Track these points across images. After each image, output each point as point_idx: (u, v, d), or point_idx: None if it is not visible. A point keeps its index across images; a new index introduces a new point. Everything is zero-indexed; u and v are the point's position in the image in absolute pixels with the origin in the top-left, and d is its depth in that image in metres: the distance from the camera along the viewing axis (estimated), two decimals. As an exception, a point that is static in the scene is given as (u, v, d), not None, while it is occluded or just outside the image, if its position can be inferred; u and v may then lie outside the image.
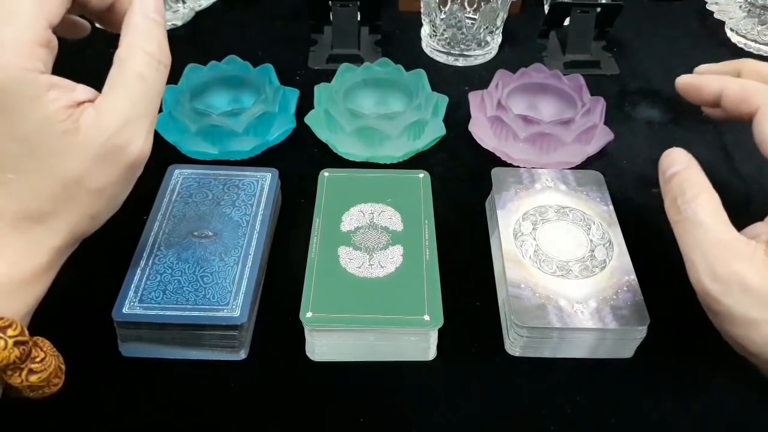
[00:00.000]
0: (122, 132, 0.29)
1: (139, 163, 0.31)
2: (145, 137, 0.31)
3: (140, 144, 0.30)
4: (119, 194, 0.32)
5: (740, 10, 0.65)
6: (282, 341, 0.38)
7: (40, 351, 0.29)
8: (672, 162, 0.34)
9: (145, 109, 0.30)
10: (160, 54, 0.31)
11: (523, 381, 0.37)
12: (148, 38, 0.30)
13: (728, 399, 0.36)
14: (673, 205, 0.33)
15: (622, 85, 0.60)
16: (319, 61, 0.60)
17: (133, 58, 0.30)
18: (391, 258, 0.39)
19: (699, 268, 0.31)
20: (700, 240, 0.31)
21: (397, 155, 0.49)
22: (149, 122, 0.31)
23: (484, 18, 0.58)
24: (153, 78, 0.30)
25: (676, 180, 0.33)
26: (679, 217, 0.33)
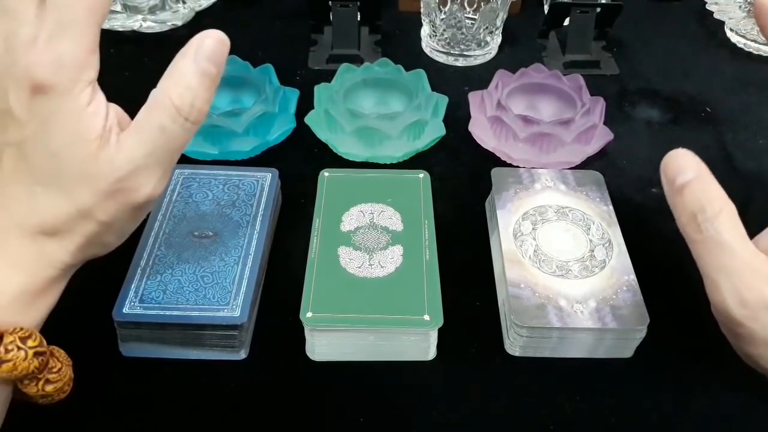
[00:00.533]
0: (132, 178, 0.28)
1: (148, 206, 0.30)
2: (156, 184, 0.29)
3: (149, 190, 0.29)
4: (127, 227, 0.31)
5: (740, 10, 0.65)
6: (282, 341, 0.38)
7: (57, 361, 0.29)
8: (680, 168, 0.30)
9: (161, 159, 0.29)
10: (190, 112, 0.28)
11: (523, 381, 0.37)
12: (185, 90, 0.28)
13: (728, 399, 0.36)
14: (692, 222, 0.30)
15: (621, 85, 0.60)
16: (319, 61, 0.61)
17: (160, 106, 0.28)
18: (391, 258, 0.39)
19: (724, 292, 0.29)
20: (726, 262, 0.29)
21: (397, 155, 0.49)
22: (163, 169, 0.29)
23: (483, 18, 0.58)
24: (177, 134, 0.29)
25: (690, 192, 0.30)
26: (699, 237, 0.29)
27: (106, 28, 0.63)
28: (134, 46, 0.62)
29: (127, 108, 0.36)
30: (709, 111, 0.57)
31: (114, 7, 0.62)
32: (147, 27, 0.63)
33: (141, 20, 0.63)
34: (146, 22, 0.63)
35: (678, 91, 0.59)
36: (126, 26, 0.63)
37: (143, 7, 0.62)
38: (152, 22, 0.63)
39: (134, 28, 0.63)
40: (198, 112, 0.29)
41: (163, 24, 0.64)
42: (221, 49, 0.28)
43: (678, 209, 0.30)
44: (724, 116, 0.56)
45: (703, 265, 0.30)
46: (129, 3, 0.62)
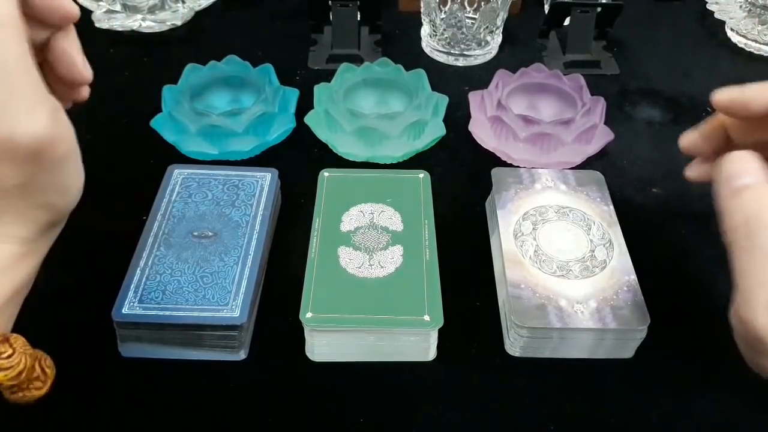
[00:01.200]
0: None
1: (42, 148, 0.26)
2: (26, 119, 0.25)
3: (24, 128, 0.25)
4: (55, 182, 0.28)
5: (740, 10, 0.65)
6: (282, 341, 0.38)
7: (8, 347, 0.28)
8: (742, 171, 0.29)
9: (6, 88, 0.25)
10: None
11: (523, 381, 0.37)
12: None
13: (728, 399, 0.36)
14: (744, 226, 0.28)
15: (622, 85, 0.60)
16: (319, 61, 0.60)
17: None
18: (391, 258, 0.39)
19: (758, 307, 0.27)
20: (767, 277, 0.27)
21: (397, 155, 0.49)
22: (23, 100, 0.25)
23: (484, 18, 0.58)
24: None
25: (749, 196, 0.28)
26: (748, 244, 0.28)
27: (105, 28, 0.63)
28: (134, 46, 0.62)
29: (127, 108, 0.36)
30: (710, 111, 0.57)
31: (114, 7, 0.62)
32: (146, 27, 0.63)
33: (140, 20, 0.63)
34: (146, 22, 0.63)
35: (678, 91, 0.59)
36: (126, 26, 0.63)
37: (143, 6, 0.62)
38: (152, 22, 0.63)
39: (134, 28, 0.63)
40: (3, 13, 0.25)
41: (163, 24, 0.64)
42: None
43: (729, 211, 0.29)
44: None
45: (742, 274, 0.28)
46: (129, 3, 0.62)
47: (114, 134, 0.52)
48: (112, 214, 0.42)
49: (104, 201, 0.35)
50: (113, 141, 0.51)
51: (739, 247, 0.28)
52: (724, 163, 0.30)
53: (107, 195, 0.38)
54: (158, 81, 0.51)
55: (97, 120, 0.52)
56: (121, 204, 0.44)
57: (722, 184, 0.30)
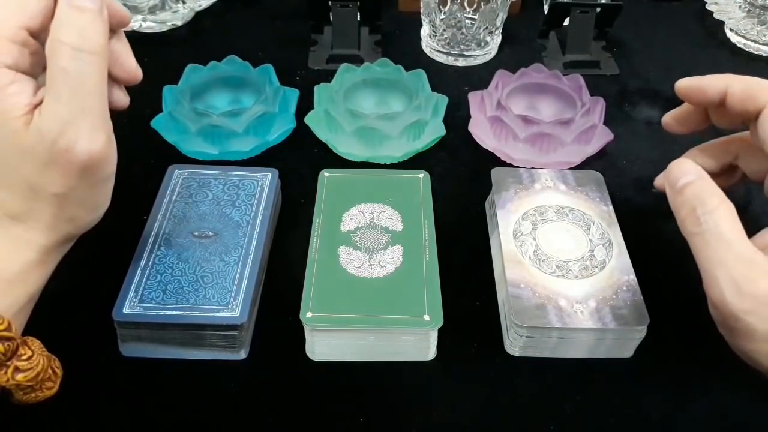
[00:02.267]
0: (62, 136, 0.28)
1: (94, 165, 0.30)
2: (89, 136, 0.29)
3: (85, 144, 0.29)
4: (90, 198, 0.31)
5: (740, 10, 0.65)
6: (282, 341, 0.38)
7: (27, 349, 0.29)
8: (683, 172, 0.32)
9: (81, 106, 0.28)
10: (82, 42, 0.28)
11: (523, 381, 0.37)
12: (68, 28, 0.28)
13: (728, 399, 0.36)
14: (692, 215, 0.31)
15: (621, 85, 0.60)
16: (319, 61, 0.61)
17: (54, 53, 0.28)
18: (391, 258, 0.39)
19: (722, 285, 0.29)
20: (724, 255, 0.30)
21: (397, 155, 0.49)
22: (91, 119, 0.29)
23: (483, 18, 0.58)
24: (79, 71, 0.28)
25: (691, 190, 0.32)
26: (698, 229, 0.31)
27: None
28: (134, 46, 0.61)
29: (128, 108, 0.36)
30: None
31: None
32: (147, 27, 0.63)
33: (141, 20, 0.63)
34: (146, 22, 0.63)
35: (678, 91, 0.59)
36: (126, 26, 0.63)
37: (143, 7, 0.62)
38: (152, 22, 0.63)
39: (134, 28, 0.63)
40: (91, 41, 0.28)
41: (163, 24, 0.64)
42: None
43: (678, 207, 0.32)
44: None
45: (702, 259, 0.31)
46: (129, 3, 0.62)
47: (114, 134, 0.52)
48: (112, 214, 0.42)
49: (104, 201, 0.36)
50: (113, 141, 0.51)
51: (692, 234, 0.31)
52: (667, 173, 0.34)
53: (107, 195, 0.38)
54: (158, 81, 0.51)
55: (98, 120, 0.52)
56: (122, 204, 0.44)
57: (669, 189, 0.34)
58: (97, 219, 0.32)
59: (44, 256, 0.31)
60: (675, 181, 0.33)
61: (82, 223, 0.32)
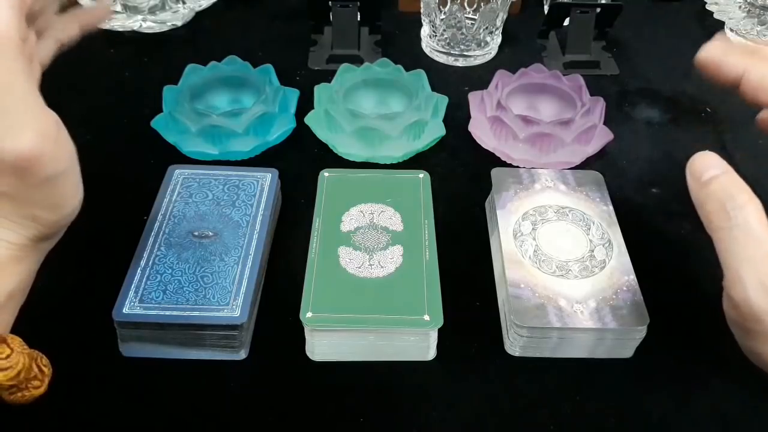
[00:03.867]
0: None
1: (27, 165, 0.27)
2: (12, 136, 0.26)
3: (7, 144, 0.26)
4: (42, 198, 0.29)
5: (740, 10, 0.65)
6: (282, 341, 0.38)
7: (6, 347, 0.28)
8: (707, 165, 0.31)
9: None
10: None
11: (523, 381, 0.37)
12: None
13: (728, 399, 0.36)
14: (721, 210, 0.29)
15: (621, 85, 0.60)
16: (319, 61, 0.61)
17: None
18: (391, 258, 0.39)
19: (747, 284, 0.28)
20: (752, 253, 0.28)
21: (397, 155, 0.49)
22: (11, 117, 0.26)
23: (483, 18, 0.58)
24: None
25: (718, 184, 0.30)
26: (727, 224, 0.29)
27: (106, 29, 0.63)
28: (134, 46, 0.62)
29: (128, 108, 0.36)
30: (709, 111, 0.57)
31: (114, 7, 0.62)
32: (147, 27, 0.63)
33: (141, 20, 0.63)
34: (146, 22, 0.63)
35: (677, 91, 0.59)
36: (126, 26, 0.63)
37: (143, 7, 0.62)
38: (152, 22, 0.63)
39: (134, 28, 0.63)
40: None
41: (163, 24, 0.64)
42: None
43: (702, 200, 0.31)
44: (724, 116, 0.56)
45: (727, 256, 0.29)
46: (129, 3, 0.62)
47: (114, 134, 0.52)
48: (112, 214, 0.42)
49: (105, 201, 0.35)
50: (113, 141, 0.51)
51: (720, 229, 0.30)
52: (690, 165, 0.32)
53: (107, 195, 0.38)
54: (158, 81, 0.51)
55: (98, 120, 0.52)
56: (122, 204, 0.44)
57: (693, 182, 0.31)
58: (66, 217, 0.30)
59: (18, 253, 0.29)
60: (699, 173, 0.31)
61: (48, 222, 0.30)
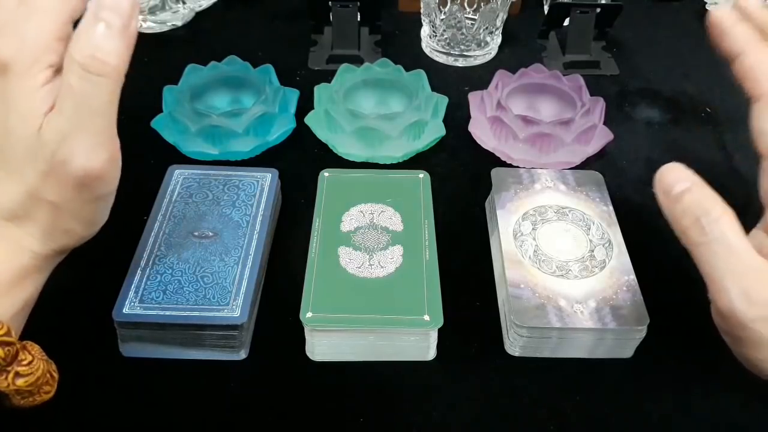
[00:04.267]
0: (61, 149, 0.28)
1: (90, 182, 0.29)
2: (87, 154, 0.28)
3: (81, 161, 0.28)
4: (86, 213, 0.31)
5: (740, 10, 0.65)
6: (282, 341, 0.38)
7: (27, 354, 0.29)
8: (676, 178, 0.31)
9: (82, 123, 0.28)
10: (90, 63, 0.27)
11: (523, 381, 0.37)
12: (85, 44, 0.27)
13: (728, 399, 0.36)
14: (696, 225, 0.30)
15: (621, 85, 0.60)
16: (319, 61, 0.61)
17: (67, 66, 0.27)
18: (391, 258, 0.39)
19: (731, 295, 0.29)
20: (733, 265, 0.29)
21: (397, 155, 0.49)
22: (92, 137, 0.28)
23: (483, 18, 0.58)
24: (86, 90, 0.27)
25: (690, 198, 0.30)
26: (704, 239, 0.29)
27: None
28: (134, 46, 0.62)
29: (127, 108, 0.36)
30: (709, 111, 0.57)
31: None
32: (147, 27, 0.63)
33: (141, 20, 0.63)
34: (146, 23, 0.63)
35: (677, 91, 0.59)
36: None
37: (143, 7, 0.62)
38: (152, 22, 0.63)
39: (134, 29, 0.63)
40: (101, 63, 0.27)
41: (163, 24, 0.64)
42: (124, 3, 0.28)
43: (677, 216, 0.31)
44: (724, 116, 0.56)
45: (708, 269, 0.30)
46: (129, 3, 0.62)
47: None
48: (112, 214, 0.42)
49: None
50: (113, 141, 0.51)
51: (697, 244, 0.30)
52: (659, 179, 0.31)
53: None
54: (158, 81, 0.51)
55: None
56: (122, 204, 0.44)
57: (663, 197, 0.31)
58: (92, 234, 0.32)
59: (38, 263, 0.31)
60: (669, 187, 0.31)
61: (76, 237, 0.32)
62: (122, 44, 0.28)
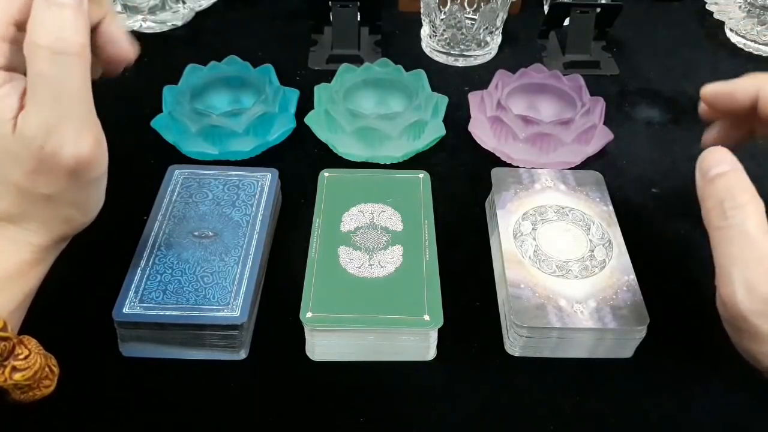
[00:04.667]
0: (48, 141, 0.27)
1: (82, 168, 0.29)
2: (75, 141, 0.28)
3: (70, 149, 0.28)
4: (82, 199, 0.31)
5: (740, 10, 0.65)
6: (282, 341, 0.38)
7: (24, 348, 0.29)
8: (717, 161, 0.30)
9: (63, 111, 0.27)
10: (60, 44, 0.26)
11: (523, 381, 0.37)
12: (44, 29, 0.26)
13: (728, 399, 0.36)
14: (718, 208, 0.29)
15: (621, 85, 0.60)
16: (319, 61, 0.61)
17: (32, 56, 0.27)
18: (391, 258, 0.39)
19: (735, 284, 0.28)
20: (744, 253, 0.28)
21: (397, 155, 0.49)
22: (75, 123, 0.28)
23: (483, 18, 0.58)
24: (58, 75, 0.27)
25: (722, 182, 0.30)
26: (723, 223, 0.29)
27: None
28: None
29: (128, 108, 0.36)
30: (709, 111, 0.57)
31: (115, 8, 0.62)
32: (147, 27, 0.63)
33: (141, 20, 0.63)
34: (146, 23, 0.63)
35: (677, 91, 0.59)
36: (126, 26, 0.63)
37: (143, 7, 0.62)
38: (152, 22, 0.63)
39: (134, 28, 0.63)
40: (69, 43, 0.27)
41: (163, 24, 0.64)
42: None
43: (706, 197, 0.30)
44: (724, 116, 0.56)
45: (720, 255, 0.30)
46: (129, 3, 0.62)
47: (114, 134, 0.51)
48: (112, 214, 0.42)
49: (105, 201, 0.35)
50: (113, 141, 0.51)
51: (715, 228, 0.30)
52: (700, 160, 0.31)
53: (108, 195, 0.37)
54: (158, 81, 0.51)
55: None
56: (122, 204, 0.44)
57: (699, 178, 0.31)
58: (91, 219, 0.32)
59: (39, 255, 0.31)
60: (707, 169, 0.31)
61: (76, 224, 0.32)
62: (82, 21, 0.27)
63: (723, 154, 0.31)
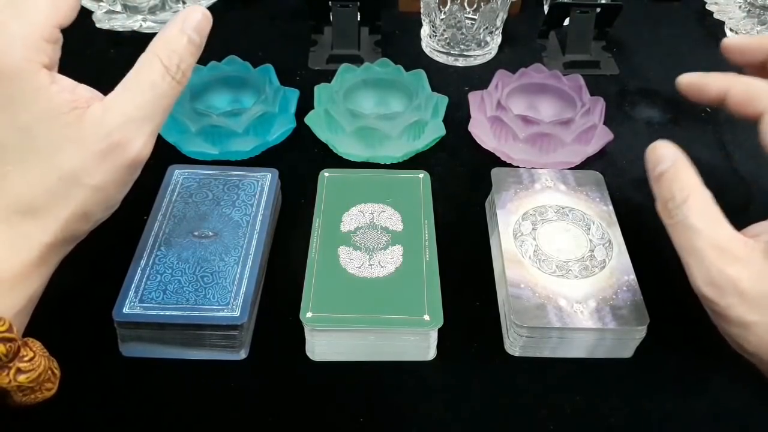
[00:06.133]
0: (123, 130, 0.30)
1: (137, 165, 0.32)
2: (146, 140, 0.31)
3: (140, 145, 0.31)
4: (115, 194, 0.32)
5: (740, 10, 0.65)
6: (282, 341, 0.38)
7: (29, 350, 0.29)
8: (658, 159, 0.33)
9: (150, 114, 0.31)
10: (175, 71, 0.31)
11: (523, 381, 0.37)
12: (172, 52, 0.31)
13: (728, 399, 0.36)
14: (665, 208, 0.32)
15: (621, 85, 0.60)
16: (319, 61, 0.61)
17: (150, 66, 0.31)
18: (391, 258, 0.39)
19: (695, 272, 0.31)
20: (695, 245, 0.31)
21: (397, 155, 0.49)
22: (152, 126, 0.31)
23: (483, 18, 0.58)
24: (164, 90, 0.31)
25: (665, 180, 0.32)
26: (671, 221, 0.32)
27: (106, 29, 0.63)
28: (134, 46, 0.61)
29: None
30: (709, 111, 0.57)
31: (114, 7, 0.62)
32: (147, 27, 0.63)
33: (141, 20, 0.63)
34: (146, 22, 0.63)
35: (678, 91, 0.59)
36: (126, 26, 0.63)
37: (143, 7, 0.62)
38: (152, 22, 0.63)
39: (134, 28, 0.63)
40: (182, 74, 0.32)
41: (163, 24, 0.64)
42: (205, 23, 0.33)
43: (656, 196, 0.33)
44: (724, 116, 0.56)
45: (678, 249, 0.32)
46: (129, 3, 0.62)
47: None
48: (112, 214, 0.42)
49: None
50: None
51: (667, 225, 0.32)
52: (646, 157, 0.34)
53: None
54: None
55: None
56: (122, 204, 0.44)
57: (649, 177, 0.34)
58: (105, 218, 0.33)
59: (45, 256, 0.31)
60: (652, 168, 0.33)
61: (92, 221, 0.32)
62: (195, 61, 0.33)
63: (663, 150, 0.33)
